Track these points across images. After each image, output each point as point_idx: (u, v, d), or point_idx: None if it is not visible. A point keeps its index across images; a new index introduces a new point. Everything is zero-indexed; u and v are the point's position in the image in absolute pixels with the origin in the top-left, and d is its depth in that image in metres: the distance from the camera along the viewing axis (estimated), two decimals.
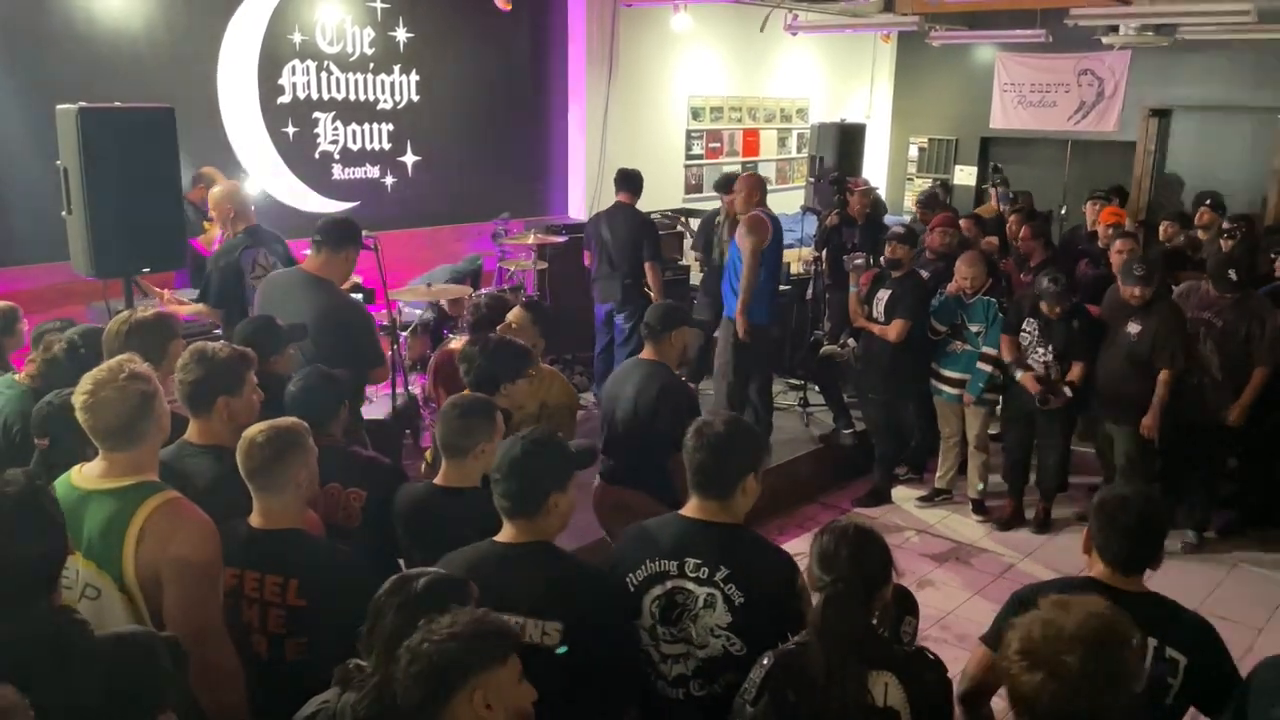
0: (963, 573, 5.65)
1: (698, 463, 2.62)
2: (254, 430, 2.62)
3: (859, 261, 6.41)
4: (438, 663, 1.79)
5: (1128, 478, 5.50)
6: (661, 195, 9.18)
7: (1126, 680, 1.83)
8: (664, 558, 2.61)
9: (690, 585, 2.57)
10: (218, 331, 5.12)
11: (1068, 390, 5.70)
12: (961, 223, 6.87)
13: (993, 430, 6.44)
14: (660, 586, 2.61)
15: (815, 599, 2.30)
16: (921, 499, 6.51)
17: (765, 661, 2.30)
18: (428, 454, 3.87)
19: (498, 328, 4.16)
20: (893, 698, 2.20)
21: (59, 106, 4.45)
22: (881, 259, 6.45)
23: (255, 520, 2.63)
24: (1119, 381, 5.62)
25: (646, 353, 4.18)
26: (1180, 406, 5.62)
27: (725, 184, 7.24)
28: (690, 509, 2.67)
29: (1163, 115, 11.18)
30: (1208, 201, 7.63)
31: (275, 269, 5.10)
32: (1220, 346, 5.56)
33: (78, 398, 2.45)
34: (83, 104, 4.37)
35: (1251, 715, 2.23)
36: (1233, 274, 5.58)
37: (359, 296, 6.07)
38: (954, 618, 5.08)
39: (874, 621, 2.32)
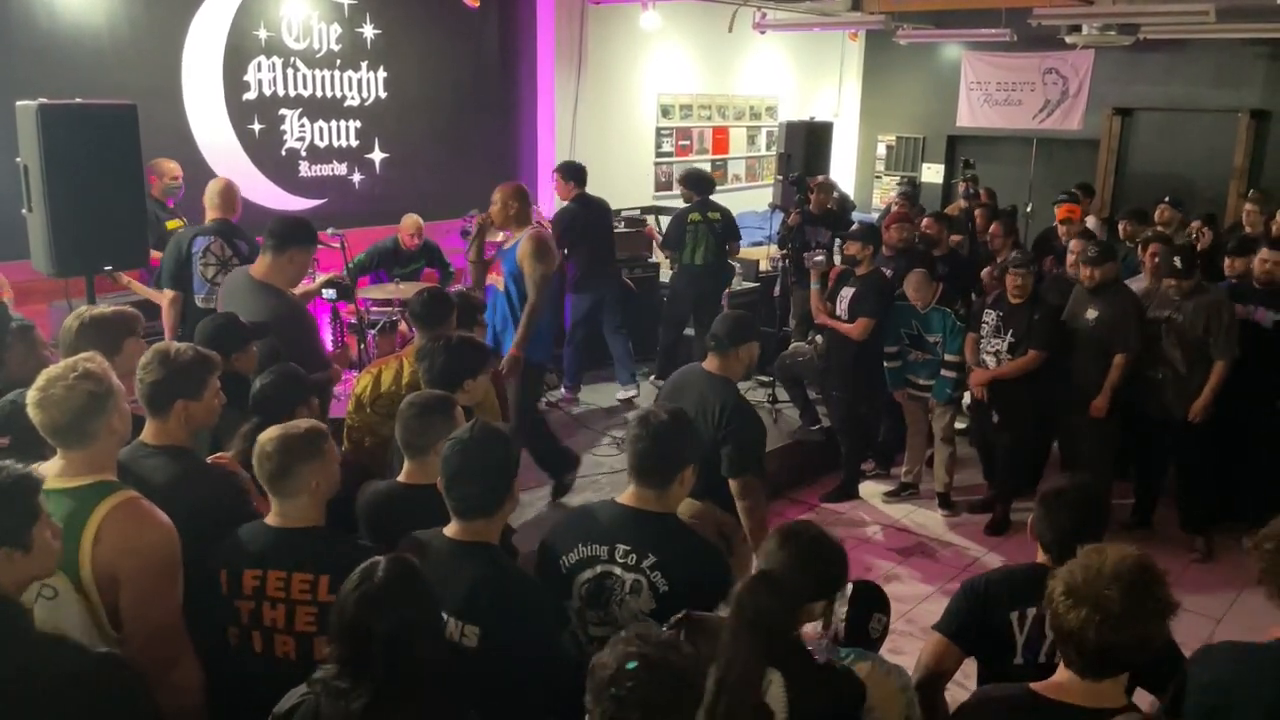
0: (928, 567, 5.70)
1: (641, 451, 2.67)
2: (265, 437, 2.58)
3: (819, 258, 6.47)
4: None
5: (1092, 472, 5.55)
6: (632, 193, 9.20)
7: (1164, 612, 2.01)
8: (596, 542, 2.66)
9: (618, 570, 2.63)
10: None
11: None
12: (923, 221, 6.89)
13: (960, 425, 6.50)
14: (590, 570, 2.66)
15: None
16: (888, 494, 6.56)
17: (680, 615, 2.28)
18: None
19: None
20: (773, 697, 2.11)
21: (19, 103, 4.40)
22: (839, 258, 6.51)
23: (273, 520, 2.59)
24: (1081, 372, 5.69)
25: (710, 364, 4.01)
26: (1148, 403, 5.69)
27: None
28: (627, 496, 2.73)
29: (1125, 114, 11.32)
30: (1166, 199, 7.73)
31: (232, 261, 5.02)
32: (1181, 341, 5.60)
33: (30, 394, 2.44)
34: (43, 100, 4.31)
35: (1192, 712, 2.26)
36: (1177, 261, 5.63)
37: (331, 292, 6.00)
38: (919, 611, 5.13)
39: (799, 625, 2.24)
